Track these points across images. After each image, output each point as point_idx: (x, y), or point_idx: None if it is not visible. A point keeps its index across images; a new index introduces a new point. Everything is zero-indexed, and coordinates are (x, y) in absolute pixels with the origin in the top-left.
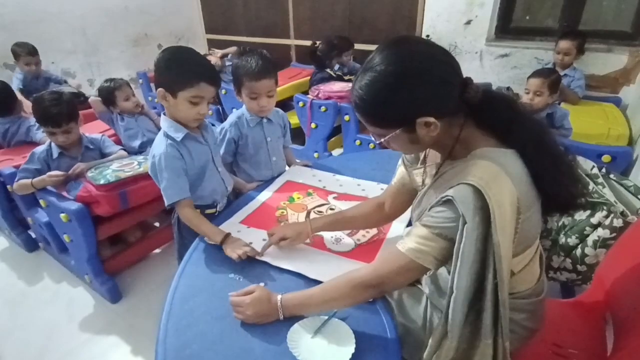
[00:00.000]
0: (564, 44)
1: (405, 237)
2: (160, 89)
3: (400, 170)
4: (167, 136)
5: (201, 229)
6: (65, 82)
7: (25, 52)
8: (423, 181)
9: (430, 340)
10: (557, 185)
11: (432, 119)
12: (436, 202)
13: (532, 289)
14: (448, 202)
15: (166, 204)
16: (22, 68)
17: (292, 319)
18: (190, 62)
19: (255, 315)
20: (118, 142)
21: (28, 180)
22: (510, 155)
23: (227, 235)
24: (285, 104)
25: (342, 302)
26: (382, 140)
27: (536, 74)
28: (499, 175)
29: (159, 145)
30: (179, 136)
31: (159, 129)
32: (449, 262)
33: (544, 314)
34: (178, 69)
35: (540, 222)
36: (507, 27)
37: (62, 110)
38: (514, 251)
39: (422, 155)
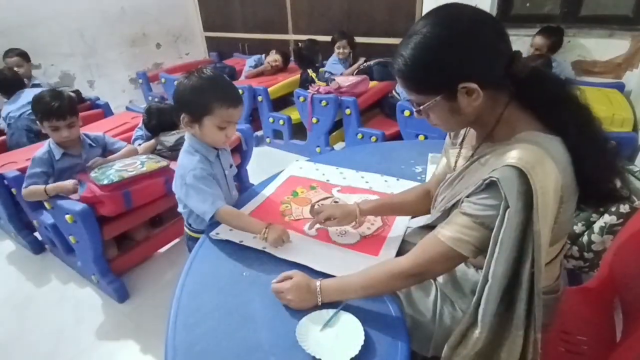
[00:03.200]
0: (538, 39)
1: (445, 225)
2: (184, 116)
3: (444, 159)
4: (198, 151)
5: (242, 224)
6: (48, 83)
7: (15, 54)
8: (455, 163)
9: (455, 331)
10: (599, 174)
11: (474, 86)
12: (477, 185)
13: (551, 286)
14: (491, 186)
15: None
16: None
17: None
18: (214, 86)
19: (296, 300)
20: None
21: (40, 187)
22: (556, 141)
23: (269, 225)
24: (286, 100)
25: (382, 290)
26: (422, 108)
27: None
28: (544, 160)
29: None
30: (211, 157)
31: None
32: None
33: (558, 310)
34: (202, 96)
35: (573, 215)
36: (507, 15)
37: (64, 103)
38: (550, 243)
39: (460, 137)
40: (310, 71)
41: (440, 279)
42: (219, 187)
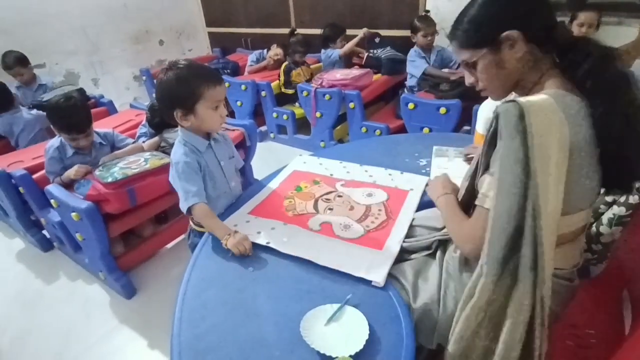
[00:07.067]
0: (590, 15)
1: (481, 196)
2: (177, 111)
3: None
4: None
5: (209, 225)
6: (53, 82)
7: (12, 62)
8: None
9: (468, 284)
10: (626, 148)
11: (516, 33)
12: (489, 131)
13: (567, 272)
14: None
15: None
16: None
17: (306, 306)
18: (195, 72)
19: None
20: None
21: (58, 179)
22: (576, 102)
23: (234, 232)
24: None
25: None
26: (470, 62)
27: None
28: (553, 110)
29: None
30: (201, 147)
31: None
32: None
33: (570, 300)
34: (188, 84)
35: (596, 190)
36: None
37: (82, 115)
38: (565, 209)
39: None
40: (284, 65)
41: (449, 257)
42: (201, 180)
